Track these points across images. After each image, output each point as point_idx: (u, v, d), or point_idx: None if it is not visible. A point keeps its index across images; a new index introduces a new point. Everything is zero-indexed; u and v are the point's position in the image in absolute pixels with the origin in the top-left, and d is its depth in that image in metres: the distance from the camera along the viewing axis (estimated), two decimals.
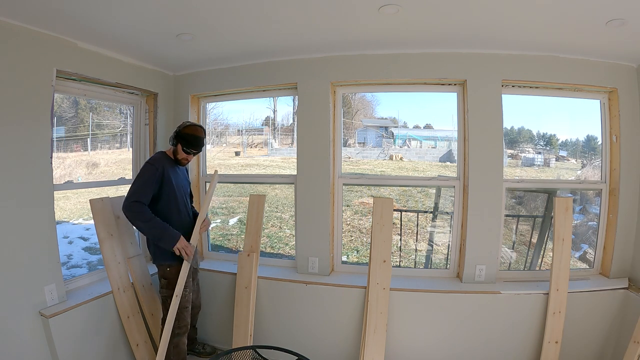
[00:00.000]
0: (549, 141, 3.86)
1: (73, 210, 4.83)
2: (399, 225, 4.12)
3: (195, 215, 2.44)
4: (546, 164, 3.85)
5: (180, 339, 2.25)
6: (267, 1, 1.77)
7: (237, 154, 6.02)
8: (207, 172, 3.13)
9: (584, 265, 3.07)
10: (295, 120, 2.76)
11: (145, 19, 1.96)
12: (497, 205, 2.45)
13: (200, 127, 2.29)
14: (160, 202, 2.20)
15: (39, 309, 2.03)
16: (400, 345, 2.46)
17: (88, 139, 3.93)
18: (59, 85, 2.19)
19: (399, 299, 2.42)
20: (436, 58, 2.45)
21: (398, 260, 4.43)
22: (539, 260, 3.32)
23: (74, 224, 4.79)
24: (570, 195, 2.97)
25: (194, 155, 2.30)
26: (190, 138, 2.22)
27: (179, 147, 2.23)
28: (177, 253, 2.14)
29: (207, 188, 3.11)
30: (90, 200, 2.32)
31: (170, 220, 2.20)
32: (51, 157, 2.10)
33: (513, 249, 3.85)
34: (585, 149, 3.31)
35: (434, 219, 4.23)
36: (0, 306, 1.87)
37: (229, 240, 5.07)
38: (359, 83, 2.63)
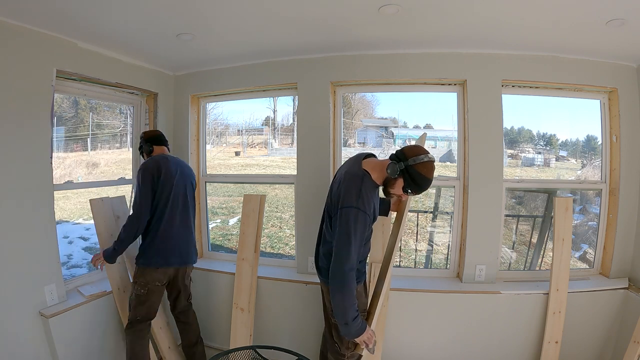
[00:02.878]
0: (549, 141, 3.85)
1: (73, 210, 4.83)
2: None
3: None
4: (546, 164, 3.85)
5: None
6: (267, 1, 1.77)
7: (237, 154, 6.02)
8: (207, 172, 3.13)
9: (584, 265, 3.07)
10: (295, 120, 2.76)
11: (146, 19, 1.96)
12: (497, 205, 2.45)
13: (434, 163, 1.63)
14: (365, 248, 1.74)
15: (39, 309, 2.03)
16: (399, 345, 2.46)
17: (88, 139, 3.92)
18: (59, 85, 2.19)
19: (399, 298, 2.42)
20: (436, 58, 2.45)
21: (398, 260, 4.42)
22: (539, 260, 3.31)
23: (74, 224, 4.78)
24: (570, 195, 2.97)
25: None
26: (423, 183, 1.60)
27: (400, 182, 1.64)
28: (362, 346, 1.68)
29: (207, 189, 3.11)
30: (90, 200, 2.32)
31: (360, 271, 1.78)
32: (51, 157, 2.10)
33: (513, 249, 3.84)
34: (585, 149, 3.31)
35: (434, 219, 4.22)
36: (0, 306, 1.87)
37: (229, 240, 5.07)
38: (359, 83, 2.63)
